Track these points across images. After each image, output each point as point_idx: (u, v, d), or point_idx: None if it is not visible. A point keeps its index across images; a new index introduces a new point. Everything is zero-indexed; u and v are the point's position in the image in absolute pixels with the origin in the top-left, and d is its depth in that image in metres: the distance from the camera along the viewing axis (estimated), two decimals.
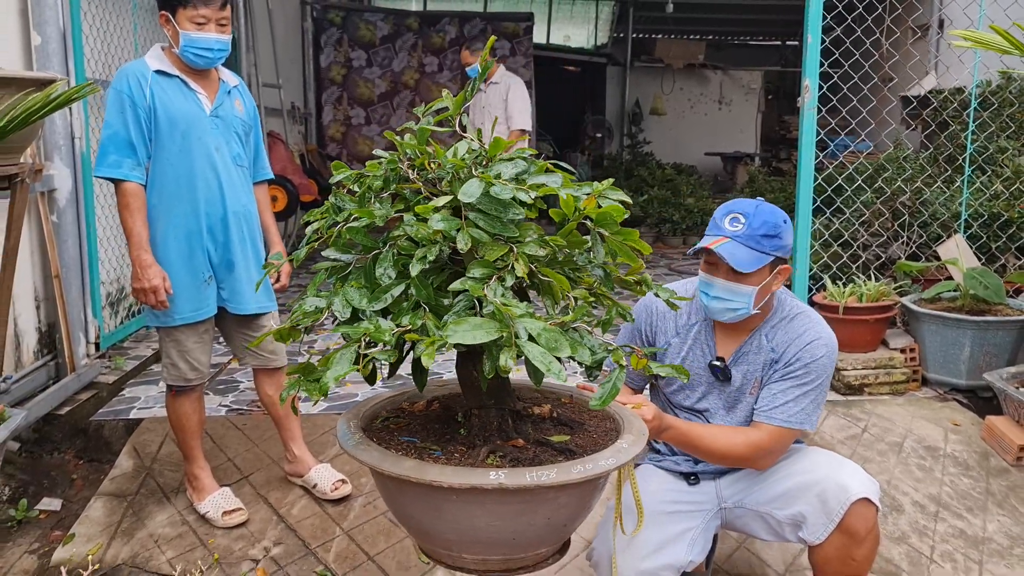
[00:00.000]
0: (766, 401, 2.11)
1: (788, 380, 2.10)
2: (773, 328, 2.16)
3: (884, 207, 4.11)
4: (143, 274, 2.56)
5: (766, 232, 2.01)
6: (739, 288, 2.04)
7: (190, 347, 2.76)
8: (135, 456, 3.29)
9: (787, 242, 2.07)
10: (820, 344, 2.10)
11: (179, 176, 2.64)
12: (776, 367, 2.13)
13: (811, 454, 2.24)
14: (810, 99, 3.87)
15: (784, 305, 2.19)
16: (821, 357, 2.09)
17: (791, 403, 2.08)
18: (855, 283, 3.85)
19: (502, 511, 1.41)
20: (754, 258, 2.01)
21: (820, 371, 2.10)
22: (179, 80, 2.65)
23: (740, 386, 2.18)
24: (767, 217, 2.03)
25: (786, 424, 2.08)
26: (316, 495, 2.99)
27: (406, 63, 10.34)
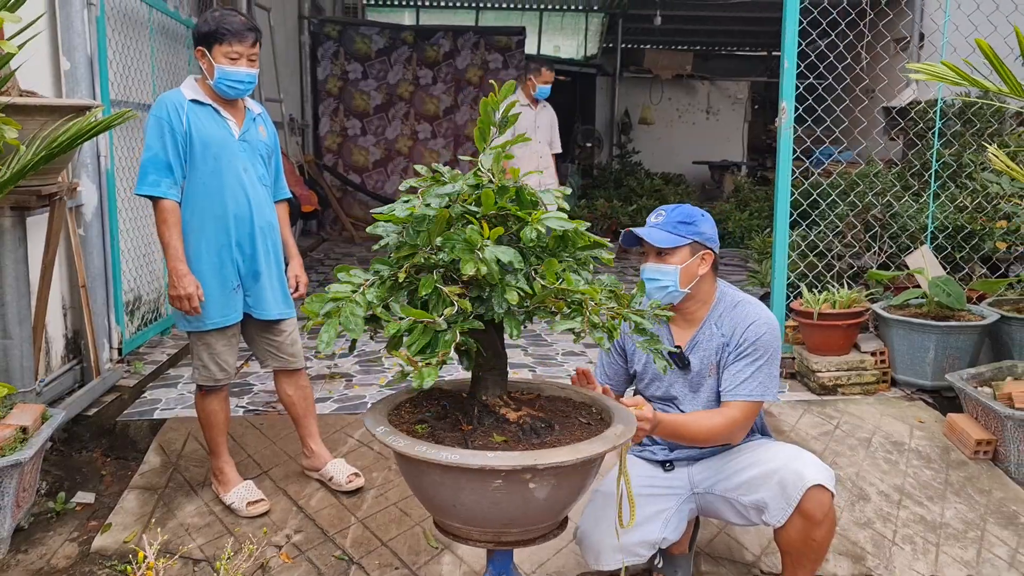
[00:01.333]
0: (728, 382, 2.41)
1: (741, 360, 2.41)
2: (720, 316, 2.47)
3: (857, 220, 4.40)
4: (179, 283, 2.82)
5: (681, 219, 2.41)
6: (664, 267, 2.39)
7: (219, 350, 3.02)
8: (162, 453, 3.54)
9: (704, 230, 2.42)
10: (761, 323, 2.42)
11: (211, 194, 2.90)
12: (728, 349, 2.43)
13: (773, 446, 2.52)
14: (787, 120, 4.16)
15: (727, 296, 2.51)
16: (764, 334, 2.41)
17: (749, 379, 2.39)
18: (829, 291, 4.13)
19: None
20: (670, 238, 2.39)
21: (766, 346, 2.41)
22: (211, 108, 2.91)
23: (699, 370, 2.48)
24: (684, 210, 2.44)
25: (750, 398, 2.39)
26: (332, 487, 3.25)
27: (401, 75, 10.61)
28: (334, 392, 4.25)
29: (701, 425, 2.38)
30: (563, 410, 2.07)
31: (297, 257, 3.28)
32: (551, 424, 1.93)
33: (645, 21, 13.20)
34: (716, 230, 2.48)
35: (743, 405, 2.39)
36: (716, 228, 2.48)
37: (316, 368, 4.63)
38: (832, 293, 4.09)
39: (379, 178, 10.72)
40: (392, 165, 10.73)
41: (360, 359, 4.86)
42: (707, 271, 2.44)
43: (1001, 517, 3.12)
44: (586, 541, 2.45)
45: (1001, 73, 2.87)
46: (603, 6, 13.85)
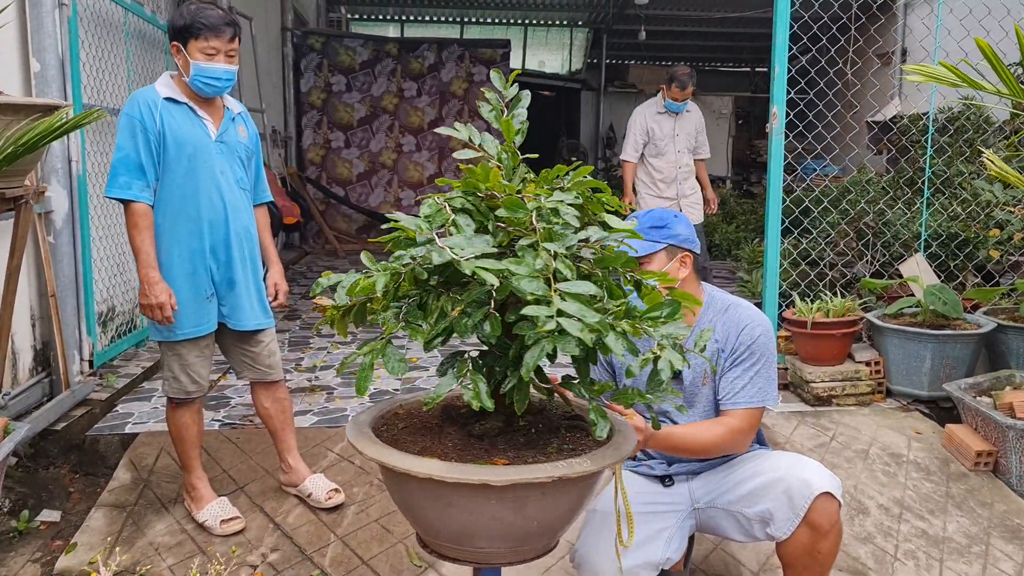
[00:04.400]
0: (727, 389, 2.30)
1: (738, 366, 2.30)
2: (710, 322, 2.36)
3: (849, 227, 4.33)
4: (150, 291, 2.69)
5: (653, 224, 2.29)
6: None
7: (191, 361, 2.88)
8: (132, 469, 3.39)
9: (678, 231, 2.31)
10: (755, 326, 2.32)
11: (185, 197, 2.77)
12: (724, 355, 2.32)
13: (776, 456, 2.40)
14: (778, 125, 4.08)
15: (715, 300, 2.40)
16: (759, 336, 2.31)
17: (748, 385, 2.28)
18: (822, 300, 4.05)
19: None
20: (644, 246, 2.28)
21: (762, 349, 2.31)
22: (187, 107, 2.79)
23: (692, 380, 2.37)
24: (655, 214, 2.33)
25: (750, 404, 2.28)
26: (311, 504, 3.11)
27: (385, 88, 10.52)
28: (314, 405, 4.11)
29: (700, 436, 2.27)
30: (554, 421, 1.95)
31: (277, 264, 3.16)
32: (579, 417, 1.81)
33: (630, 36, 13.21)
34: (692, 230, 2.39)
35: (744, 413, 2.28)
36: (692, 228, 2.39)
37: (296, 380, 4.49)
38: (825, 302, 4.00)
39: (363, 191, 10.60)
40: (376, 178, 10.62)
41: None
42: (688, 273, 2.35)
43: (1005, 531, 3.02)
44: (585, 565, 2.32)
45: (1000, 74, 2.79)
46: (588, 21, 13.86)
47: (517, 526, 1.61)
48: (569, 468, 1.54)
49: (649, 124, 5.63)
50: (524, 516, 1.59)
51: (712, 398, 2.37)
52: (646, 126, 5.64)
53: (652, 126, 5.62)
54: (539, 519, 1.62)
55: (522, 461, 1.60)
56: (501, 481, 1.49)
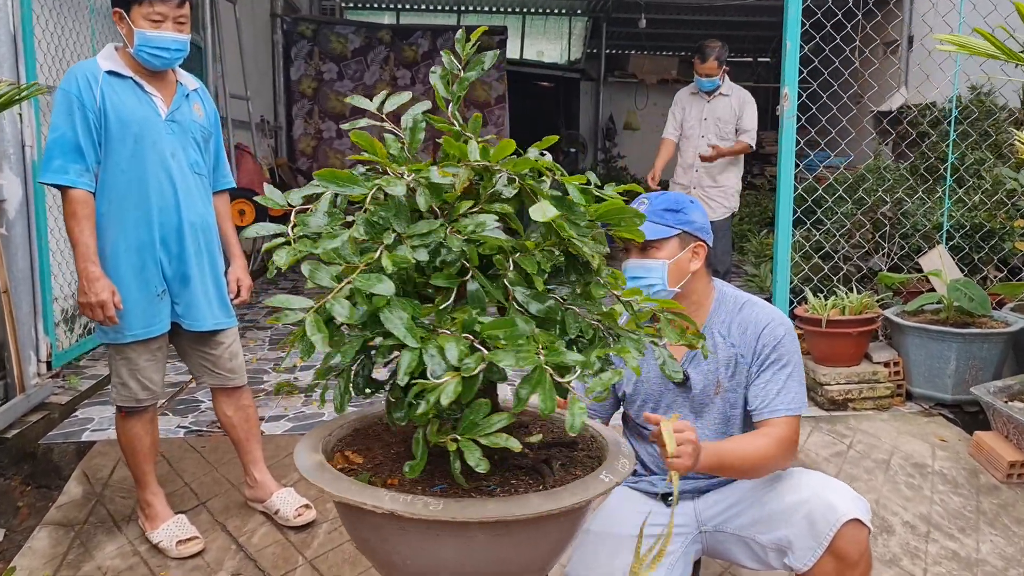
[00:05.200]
0: (761, 398, 2.02)
1: (767, 371, 2.03)
2: (723, 322, 2.09)
3: (865, 218, 4.03)
4: (90, 288, 2.39)
5: (667, 207, 2.03)
6: (649, 263, 2.03)
7: (142, 365, 2.59)
8: (85, 482, 3.10)
9: (694, 218, 2.06)
10: (777, 325, 2.05)
11: (131, 183, 2.48)
12: (744, 361, 2.05)
13: (795, 474, 2.12)
14: (789, 107, 3.79)
15: (727, 297, 2.12)
16: (784, 336, 2.04)
17: (783, 391, 2.01)
18: (837, 295, 3.75)
19: None
20: (657, 229, 2.02)
21: (788, 349, 2.05)
22: (132, 82, 2.49)
23: (703, 389, 2.09)
24: (670, 196, 2.07)
25: (790, 412, 2.01)
26: (278, 521, 2.82)
27: (378, 76, 10.20)
28: (290, 409, 3.81)
29: (750, 450, 1.97)
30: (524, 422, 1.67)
31: (240, 257, 2.86)
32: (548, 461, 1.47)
33: (629, 25, 12.88)
34: (707, 219, 2.12)
35: (787, 421, 2.01)
36: (707, 217, 2.11)
37: (274, 382, 4.19)
38: (841, 298, 3.71)
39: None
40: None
41: None
42: (700, 266, 2.07)
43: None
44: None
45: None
46: (587, 10, 13.53)
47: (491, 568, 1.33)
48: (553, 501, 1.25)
49: (683, 103, 5.31)
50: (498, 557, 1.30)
51: (724, 410, 2.08)
52: (681, 103, 5.33)
53: (685, 106, 5.29)
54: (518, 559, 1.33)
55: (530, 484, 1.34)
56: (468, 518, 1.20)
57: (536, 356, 1.16)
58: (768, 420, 2.01)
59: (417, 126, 1.43)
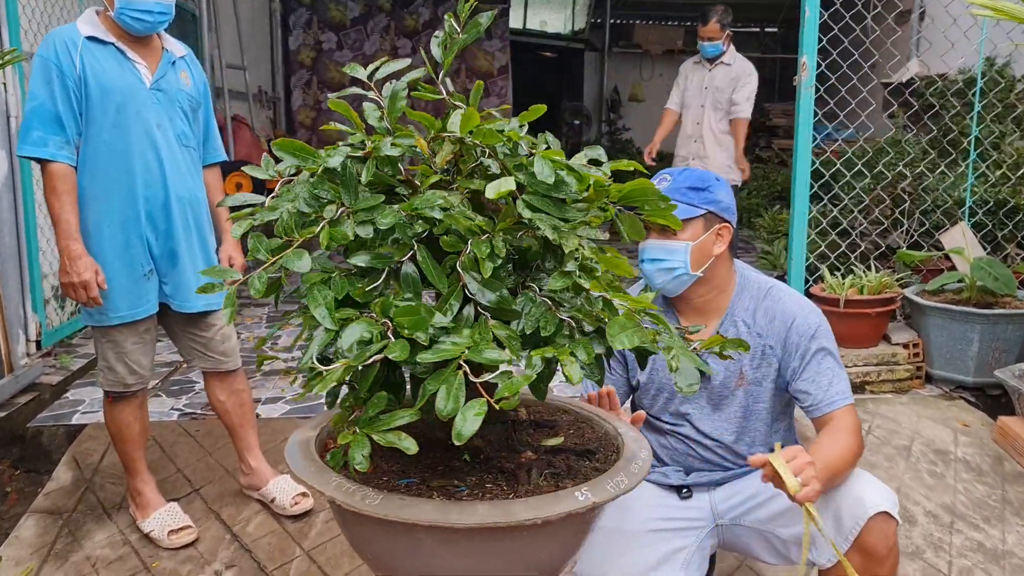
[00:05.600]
0: (814, 394, 1.89)
1: (812, 363, 1.90)
2: (747, 310, 1.96)
3: (884, 193, 3.87)
4: (72, 267, 2.26)
5: (692, 184, 1.89)
6: (671, 244, 1.88)
7: (128, 348, 2.46)
8: (75, 467, 2.99)
9: (720, 198, 1.92)
10: (808, 312, 1.92)
11: (114, 156, 2.33)
12: (774, 354, 1.92)
13: None
14: (808, 77, 3.62)
15: (750, 281, 1.99)
16: (819, 325, 1.91)
17: (834, 380, 1.88)
18: (855, 274, 3.61)
19: None
20: (680, 209, 1.82)
21: (826, 337, 1.92)
22: (114, 48, 2.33)
23: (724, 380, 1.97)
24: (694, 173, 1.93)
25: (847, 400, 1.88)
26: (274, 510, 2.71)
27: (378, 46, 9.99)
28: (288, 391, 3.69)
29: (844, 451, 1.81)
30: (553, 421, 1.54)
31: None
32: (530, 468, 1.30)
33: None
34: (733, 198, 1.97)
35: (848, 411, 1.88)
36: (733, 196, 1.96)
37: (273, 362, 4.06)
38: (859, 277, 3.57)
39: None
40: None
41: None
42: (723, 250, 1.93)
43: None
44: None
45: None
46: None
47: None
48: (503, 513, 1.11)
49: (686, 73, 5.13)
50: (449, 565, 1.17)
51: (746, 403, 1.96)
52: (685, 72, 5.15)
53: (688, 75, 5.11)
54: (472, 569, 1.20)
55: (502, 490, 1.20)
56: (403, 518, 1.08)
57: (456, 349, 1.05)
58: (830, 414, 1.88)
59: (396, 95, 1.30)
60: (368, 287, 1.16)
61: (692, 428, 2.01)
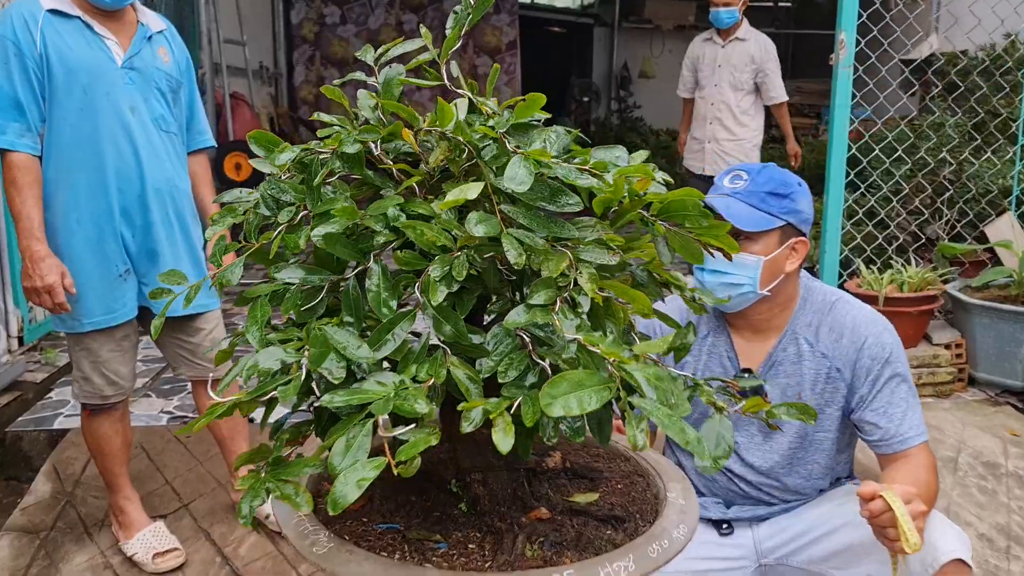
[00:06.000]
0: (888, 426, 1.65)
1: (884, 391, 1.66)
2: (810, 325, 1.72)
3: (925, 181, 3.60)
4: (34, 269, 2.02)
5: (773, 189, 1.64)
6: (740, 257, 1.62)
7: (105, 357, 2.22)
8: (55, 478, 2.77)
9: (801, 208, 1.66)
10: (881, 330, 1.68)
11: (81, 143, 2.09)
12: (841, 378, 1.68)
13: None
14: (846, 56, 3.36)
15: (813, 293, 1.74)
16: (893, 346, 1.68)
17: (908, 412, 1.65)
18: (894, 269, 3.36)
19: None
20: (758, 217, 1.62)
21: (900, 360, 1.69)
22: (80, 22, 2.08)
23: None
24: (775, 175, 1.66)
25: (922, 437, 1.66)
26: (269, 528, 2.49)
27: (383, 20, 9.69)
28: None
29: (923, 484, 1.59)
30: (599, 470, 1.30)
31: None
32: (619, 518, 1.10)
33: None
34: (812, 207, 1.73)
35: (924, 449, 1.66)
36: (812, 205, 1.72)
37: None
38: (899, 272, 3.32)
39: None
40: None
41: None
42: (796, 267, 1.68)
43: None
44: None
45: None
46: None
47: None
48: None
49: (696, 51, 4.79)
50: None
51: (804, 432, 1.73)
52: (694, 53, 4.80)
53: (698, 53, 4.76)
54: None
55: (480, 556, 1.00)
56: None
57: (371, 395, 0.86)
58: (904, 452, 1.65)
59: (390, 83, 1.08)
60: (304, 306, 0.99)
61: (737, 459, 1.78)
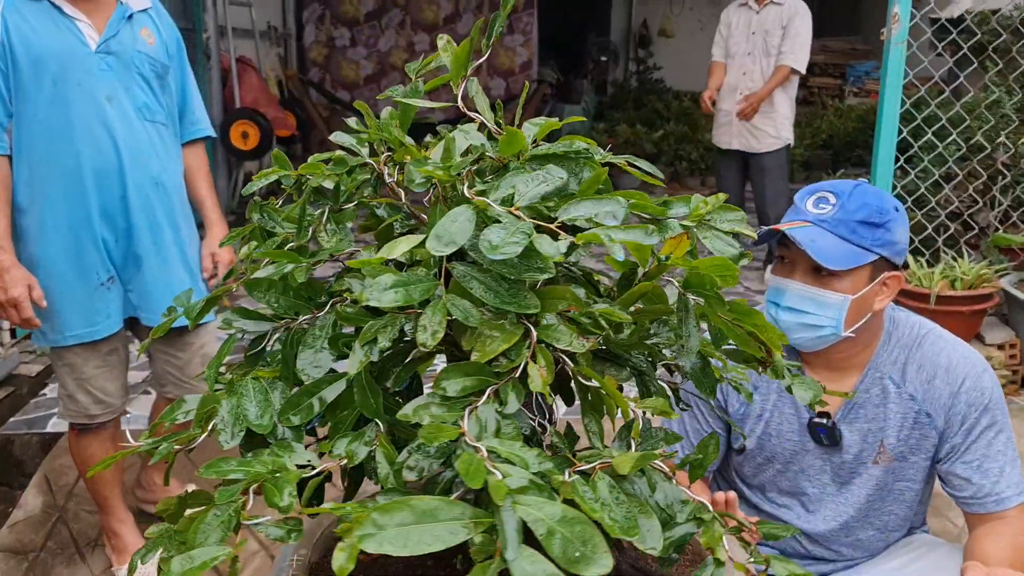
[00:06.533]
0: (983, 483, 1.44)
1: (979, 441, 1.45)
2: (896, 364, 1.48)
3: (981, 166, 3.33)
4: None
5: (866, 218, 1.38)
6: (823, 295, 1.39)
7: (90, 374, 2.03)
8: (46, 490, 2.59)
9: (897, 238, 1.42)
10: (981, 372, 1.46)
11: (53, 139, 1.88)
12: (933, 425, 1.46)
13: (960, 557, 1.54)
14: (900, 30, 3.06)
15: (898, 325, 1.51)
16: (992, 389, 1.46)
17: (1007, 467, 1.44)
18: (945, 263, 3.11)
19: None
20: (847, 251, 1.37)
21: (1000, 405, 1.47)
22: (48, 4, 1.84)
23: (858, 452, 1.51)
24: (869, 199, 1.40)
25: (1022, 497, 1.43)
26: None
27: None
28: None
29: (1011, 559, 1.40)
30: None
31: (219, 224, 2.25)
32: None
33: None
34: (908, 235, 1.48)
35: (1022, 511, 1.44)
36: (908, 232, 1.47)
37: None
38: (951, 266, 3.07)
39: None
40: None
41: None
42: (884, 305, 1.45)
43: None
44: None
45: None
46: None
47: None
48: None
49: (729, 18, 4.47)
50: None
51: (886, 482, 1.53)
52: (727, 19, 4.48)
53: (731, 18, 4.44)
54: None
55: None
56: None
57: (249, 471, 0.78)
58: (1001, 514, 1.43)
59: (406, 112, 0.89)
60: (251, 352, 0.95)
61: (803, 511, 1.57)
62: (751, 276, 4.79)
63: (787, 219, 1.44)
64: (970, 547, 1.45)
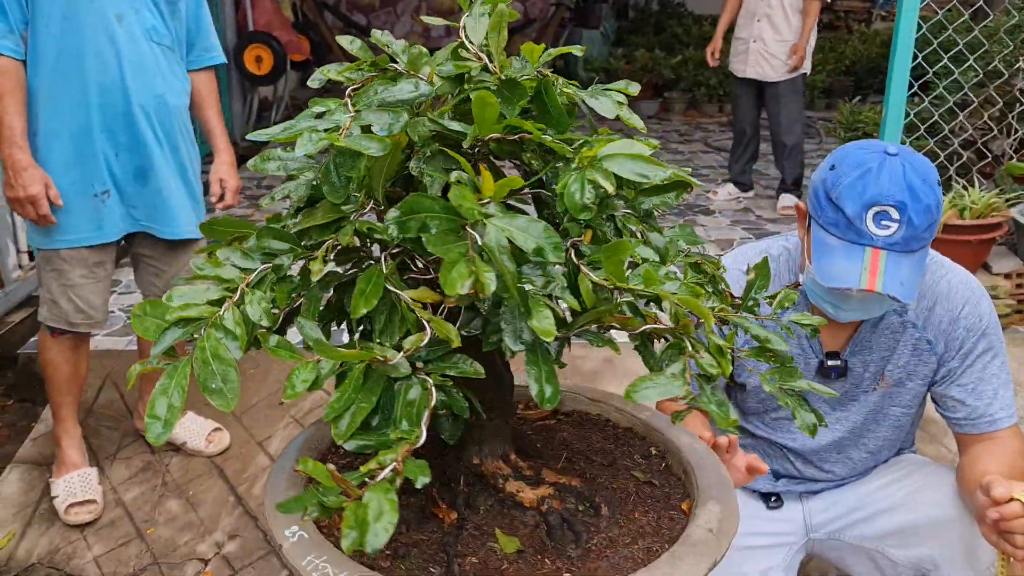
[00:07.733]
0: (976, 404, 1.49)
1: (975, 365, 1.49)
2: None
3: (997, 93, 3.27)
4: (16, 179, 1.93)
5: (931, 221, 1.33)
6: (886, 303, 1.41)
7: (76, 282, 2.10)
8: None
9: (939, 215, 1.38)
10: (980, 298, 1.50)
11: (63, 53, 1.96)
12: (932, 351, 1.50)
13: (943, 478, 1.60)
14: None
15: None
16: (990, 314, 1.50)
17: (1000, 390, 1.49)
18: (955, 192, 3.09)
19: None
20: (920, 265, 1.35)
21: (996, 330, 1.50)
22: None
23: (860, 382, 1.56)
24: (930, 200, 1.32)
25: (1013, 419, 1.49)
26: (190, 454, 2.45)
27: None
28: None
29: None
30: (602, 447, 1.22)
31: (226, 150, 2.29)
32: (594, 504, 1.07)
33: None
34: None
35: (1015, 433, 1.50)
36: None
37: None
38: (960, 195, 3.05)
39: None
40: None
41: None
42: None
43: None
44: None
45: None
46: None
47: None
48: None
49: None
50: None
51: (881, 406, 1.58)
52: None
53: None
54: None
55: None
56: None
57: None
58: (992, 435, 1.48)
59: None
60: None
61: (797, 430, 1.62)
62: (764, 204, 4.77)
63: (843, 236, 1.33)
64: (965, 466, 1.50)
